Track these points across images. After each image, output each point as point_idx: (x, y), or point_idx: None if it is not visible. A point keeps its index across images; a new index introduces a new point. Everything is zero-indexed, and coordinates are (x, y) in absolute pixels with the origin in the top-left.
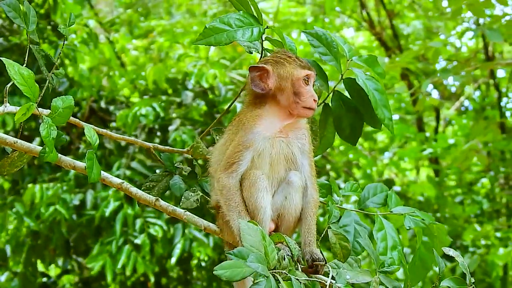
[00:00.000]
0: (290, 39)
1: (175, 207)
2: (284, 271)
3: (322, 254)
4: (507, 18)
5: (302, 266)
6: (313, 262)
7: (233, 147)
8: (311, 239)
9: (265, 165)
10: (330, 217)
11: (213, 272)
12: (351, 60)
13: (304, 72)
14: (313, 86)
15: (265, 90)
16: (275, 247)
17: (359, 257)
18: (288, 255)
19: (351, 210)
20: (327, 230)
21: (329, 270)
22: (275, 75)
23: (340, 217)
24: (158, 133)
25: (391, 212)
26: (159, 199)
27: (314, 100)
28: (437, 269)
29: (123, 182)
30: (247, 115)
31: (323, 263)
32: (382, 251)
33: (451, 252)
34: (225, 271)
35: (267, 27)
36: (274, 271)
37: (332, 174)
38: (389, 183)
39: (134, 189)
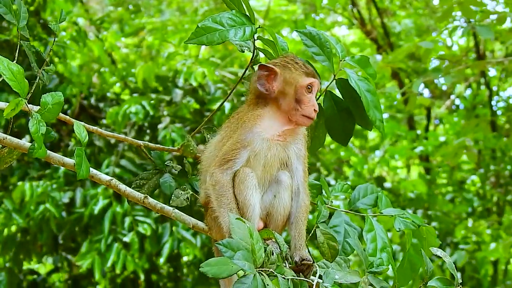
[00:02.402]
0: (282, 38)
1: (163, 205)
2: (271, 269)
3: (311, 256)
4: (497, 15)
5: (290, 266)
6: (302, 261)
7: (231, 144)
8: (301, 243)
9: (258, 166)
10: (319, 216)
11: (200, 269)
12: (344, 60)
13: (309, 80)
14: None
15: (269, 91)
16: (264, 243)
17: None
18: (276, 251)
19: (341, 210)
20: (315, 229)
21: (317, 270)
22: (281, 78)
23: (331, 217)
24: (148, 131)
25: (381, 213)
26: (148, 196)
27: (315, 110)
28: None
29: (112, 179)
30: (248, 114)
31: (311, 262)
32: (372, 252)
33: (439, 252)
34: (211, 268)
35: (259, 27)
36: (261, 269)
37: (323, 170)
38: (380, 180)
39: (123, 186)
